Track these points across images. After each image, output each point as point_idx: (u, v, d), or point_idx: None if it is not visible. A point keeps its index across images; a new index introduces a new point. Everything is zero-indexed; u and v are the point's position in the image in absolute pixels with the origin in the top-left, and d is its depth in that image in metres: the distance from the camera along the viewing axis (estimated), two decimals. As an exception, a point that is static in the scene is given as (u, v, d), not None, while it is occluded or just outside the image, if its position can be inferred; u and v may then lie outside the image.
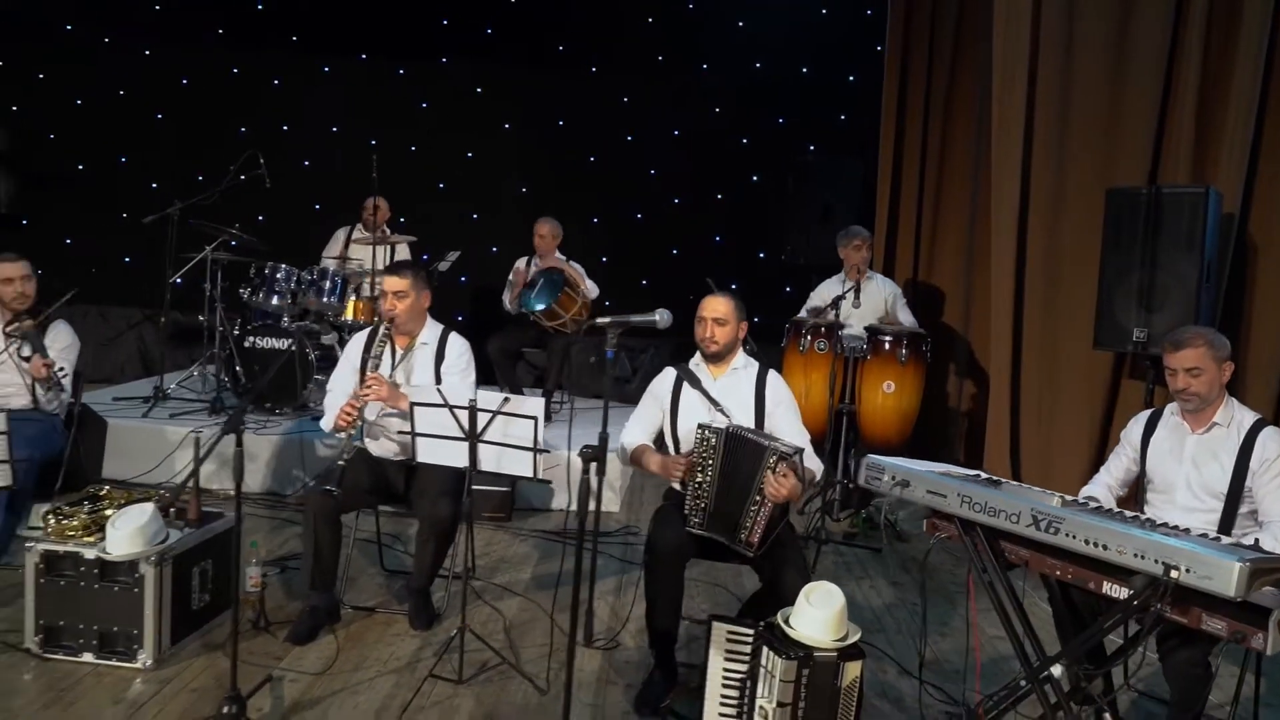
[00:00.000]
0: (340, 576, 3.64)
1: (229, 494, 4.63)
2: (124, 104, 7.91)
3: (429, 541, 3.46)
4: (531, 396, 3.03)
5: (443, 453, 3.12)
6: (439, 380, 3.59)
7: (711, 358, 3.27)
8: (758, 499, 2.96)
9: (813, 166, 7.05)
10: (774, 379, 3.31)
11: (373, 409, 3.52)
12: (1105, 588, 2.38)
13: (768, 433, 3.17)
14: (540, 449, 2.97)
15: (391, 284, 3.54)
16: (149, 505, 3.15)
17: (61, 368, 3.85)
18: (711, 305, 3.22)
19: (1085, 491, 3.17)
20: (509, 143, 8.00)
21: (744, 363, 3.32)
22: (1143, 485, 3.17)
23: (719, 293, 3.23)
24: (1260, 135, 4.47)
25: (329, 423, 3.52)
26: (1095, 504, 2.74)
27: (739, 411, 3.23)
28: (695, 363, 3.35)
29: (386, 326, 3.53)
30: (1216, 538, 2.39)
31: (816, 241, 6.65)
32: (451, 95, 7.99)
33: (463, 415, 3.02)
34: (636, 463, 3.29)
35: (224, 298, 5.90)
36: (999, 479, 2.75)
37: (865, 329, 5.11)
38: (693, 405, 3.27)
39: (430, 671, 3.10)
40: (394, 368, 3.61)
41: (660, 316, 2.60)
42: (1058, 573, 2.51)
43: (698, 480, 3.06)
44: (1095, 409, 4.82)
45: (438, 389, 3.11)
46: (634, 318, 2.52)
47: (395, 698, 3.01)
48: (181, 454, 5.14)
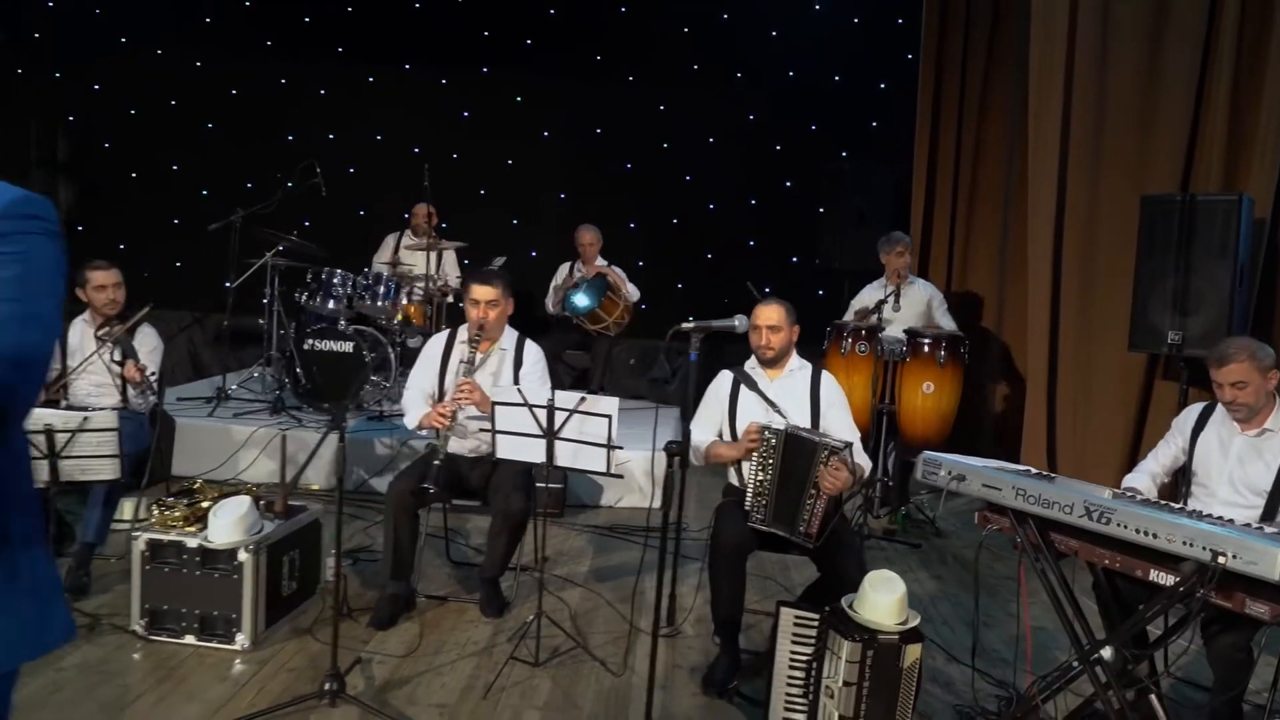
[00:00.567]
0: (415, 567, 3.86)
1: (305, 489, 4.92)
2: (176, 113, 8.18)
3: (502, 533, 3.66)
4: (606, 396, 3.21)
5: (521, 449, 3.32)
6: (517, 384, 3.79)
7: (768, 362, 3.46)
8: (813, 492, 3.15)
9: (846, 172, 7.23)
10: (827, 379, 3.50)
11: (462, 411, 3.71)
12: (1152, 575, 2.55)
13: (820, 430, 3.37)
14: (614, 445, 3.16)
15: (483, 293, 3.72)
16: (246, 498, 3.37)
17: (152, 370, 4.08)
18: (765, 314, 3.40)
19: (1128, 481, 3.33)
20: (548, 150, 8.22)
21: (799, 365, 3.51)
22: (1186, 478, 3.33)
23: (771, 301, 3.42)
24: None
25: (413, 421, 3.73)
26: (1140, 496, 2.91)
27: (795, 411, 3.42)
28: (751, 366, 3.54)
29: (476, 333, 3.72)
30: (1259, 527, 2.55)
31: (850, 246, 6.83)
32: (492, 104, 8.22)
33: (541, 414, 3.22)
34: (710, 457, 3.47)
35: (279, 301, 6.14)
36: (1051, 474, 2.92)
37: (904, 332, 5.28)
38: (750, 406, 3.47)
39: (511, 654, 3.31)
40: (474, 371, 3.81)
41: (739, 322, 2.79)
42: (1106, 561, 2.68)
43: (759, 478, 3.25)
44: (1129, 410, 4.97)
45: (517, 389, 3.31)
46: (715, 323, 2.71)
47: (478, 679, 3.21)
48: (245, 453, 5.39)
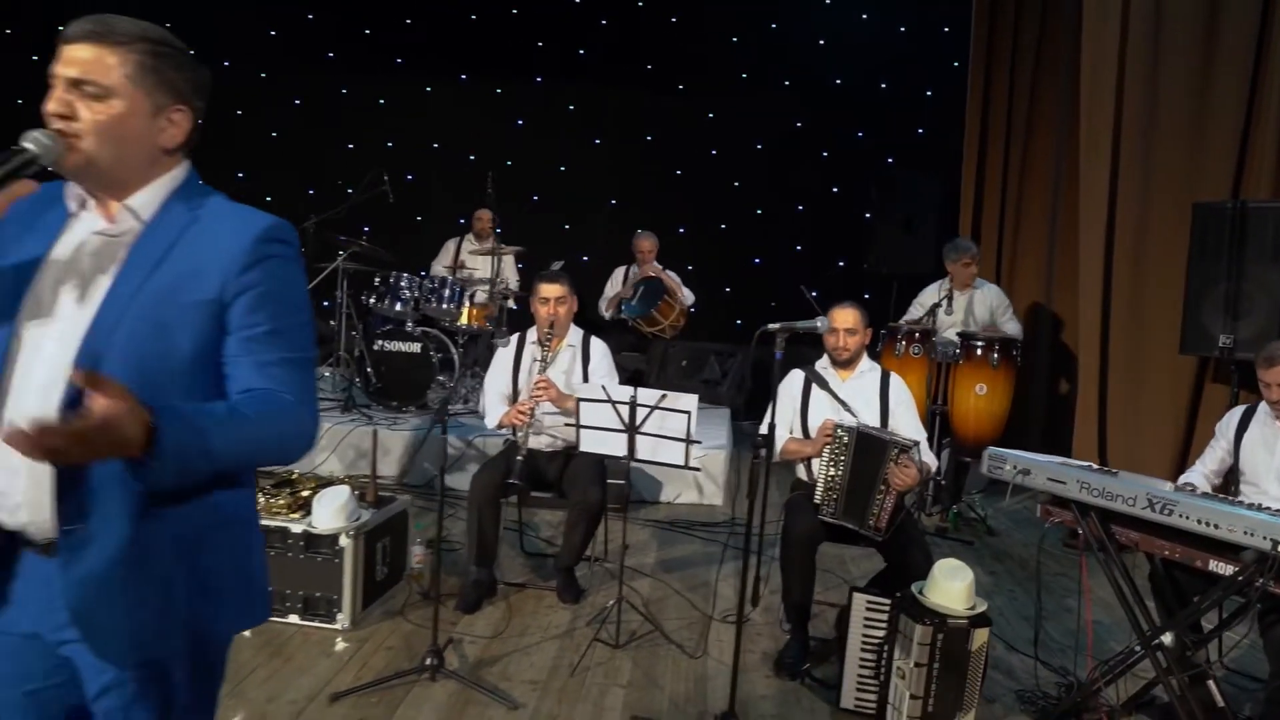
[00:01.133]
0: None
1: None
2: (242, 123, 8.51)
3: (579, 523, 3.86)
4: (685, 394, 3.41)
5: (604, 443, 3.52)
6: (585, 379, 4.00)
7: (842, 363, 3.64)
8: (883, 488, 3.33)
9: (894, 179, 7.38)
10: (896, 381, 3.67)
11: (540, 408, 3.92)
12: (1211, 565, 2.70)
13: (888, 429, 3.54)
14: (693, 440, 3.35)
15: (552, 290, 3.94)
16: (345, 488, 3.61)
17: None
18: (843, 317, 3.58)
19: (1184, 479, 3.48)
20: (600, 157, 8.45)
21: (869, 366, 3.69)
22: (1235, 477, 3.47)
23: (848, 305, 3.61)
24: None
25: (493, 420, 3.95)
26: (1200, 490, 3.06)
27: (864, 411, 3.60)
28: (823, 366, 3.72)
29: (546, 331, 3.93)
30: (1315, 520, 2.69)
31: (899, 251, 6.99)
32: (545, 113, 8.47)
33: (623, 409, 3.42)
34: (784, 453, 3.65)
35: (349, 304, 6.41)
36: (1114, 470, 3.07)
37: (958, 335, 5.43)
38: (820, 405, 3.65)
39: (595, 637, 3.51)
40: (547, 369, 4.02)
41: (821, 323, 2.97)
42: (1166, 552, 2.83)
43: (830, 474, 3.43)
44: (1180, 412, 5.08)
45: (602, 386, 3.52)
46: (799, 324, 2.89)
47: (563, 658, 3.42)
48: (317, 450, 5.65)
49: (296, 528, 3.51)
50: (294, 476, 3.89)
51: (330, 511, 3.48)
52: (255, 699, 3.00)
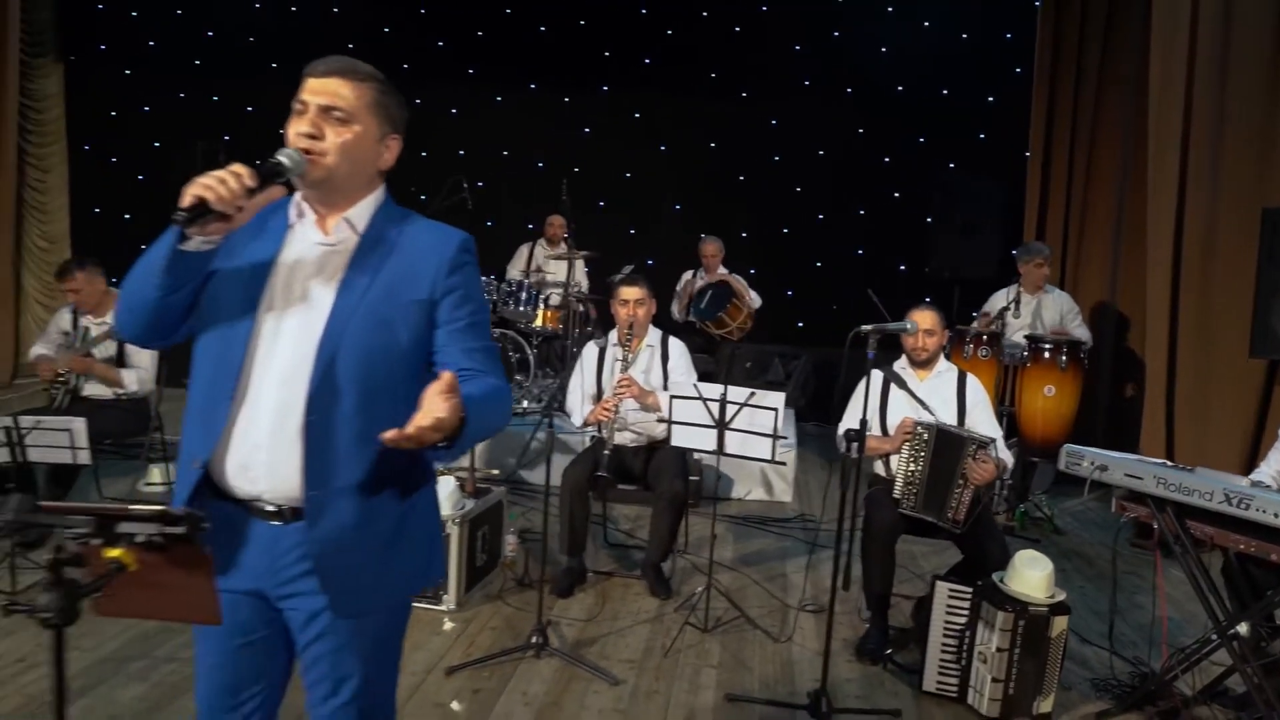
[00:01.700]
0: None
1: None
2: (320, 133, 8.86)
3: (665, 514, 4.07)
4: (773, 392, 3.60)
5: (693, 438, 3.73)
6: (665, 376, 4.22)
7: (920, 364, 3.81)
8: (961, 482, 3.49)
9: (955, 183, 7.49)
10: (972, 381, 3.82)
11: (623, 404, 4.15)
12: (1286, 558, 2.83)
13: (965, 428, 3.70)
14: (780, 435, 3.55)
15: (632, 293, 4.18)
16: (450, 478, 3.86)
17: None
18: (923, 319, 3.75)
19: (1252, 478, 3.57)
20: (665, 164, 8.67)
21: (946, 367, 3.85)
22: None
23: (928, 307, 3.77)
24: None
25: (579, 419, 4.19)
26: (1274, 487, 3.18)
27: (942, 410, 3.76)
28: (901, 366, 3.89)
29: (626, 331, 4.16)
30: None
31: (960, 255, 7.11)
32: (611, 120, 8.71)
33: (714, 406, 3.63)
34: (869, 450, 3.79)
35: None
36: (1190, 467, 3.20)
37: (1025, 337, 5.55)
38: (899, 404, 3.82)
39: (686, 621, 3.72)
40: (629, 368, 4.24)
41: (910, 324, 3.14)
42: (1241, 546, 2.95)
43: (910, 469, 3.60)
44: (1248, 414, 5.14)
45: (694, 384, 3.72)
46: (889, 325, 3.07)
47: (655, 641, 3.64)
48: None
49: (407, 515, 3.76)
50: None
51: (448, 497, 3.73)
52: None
